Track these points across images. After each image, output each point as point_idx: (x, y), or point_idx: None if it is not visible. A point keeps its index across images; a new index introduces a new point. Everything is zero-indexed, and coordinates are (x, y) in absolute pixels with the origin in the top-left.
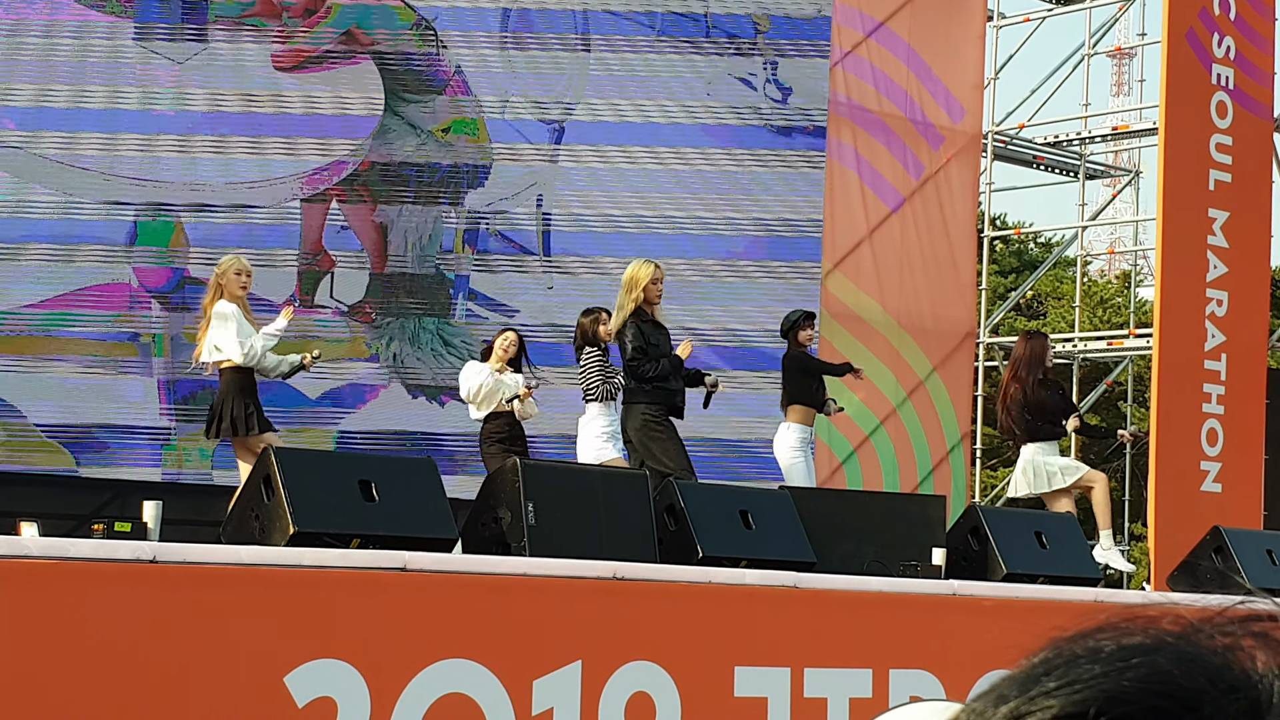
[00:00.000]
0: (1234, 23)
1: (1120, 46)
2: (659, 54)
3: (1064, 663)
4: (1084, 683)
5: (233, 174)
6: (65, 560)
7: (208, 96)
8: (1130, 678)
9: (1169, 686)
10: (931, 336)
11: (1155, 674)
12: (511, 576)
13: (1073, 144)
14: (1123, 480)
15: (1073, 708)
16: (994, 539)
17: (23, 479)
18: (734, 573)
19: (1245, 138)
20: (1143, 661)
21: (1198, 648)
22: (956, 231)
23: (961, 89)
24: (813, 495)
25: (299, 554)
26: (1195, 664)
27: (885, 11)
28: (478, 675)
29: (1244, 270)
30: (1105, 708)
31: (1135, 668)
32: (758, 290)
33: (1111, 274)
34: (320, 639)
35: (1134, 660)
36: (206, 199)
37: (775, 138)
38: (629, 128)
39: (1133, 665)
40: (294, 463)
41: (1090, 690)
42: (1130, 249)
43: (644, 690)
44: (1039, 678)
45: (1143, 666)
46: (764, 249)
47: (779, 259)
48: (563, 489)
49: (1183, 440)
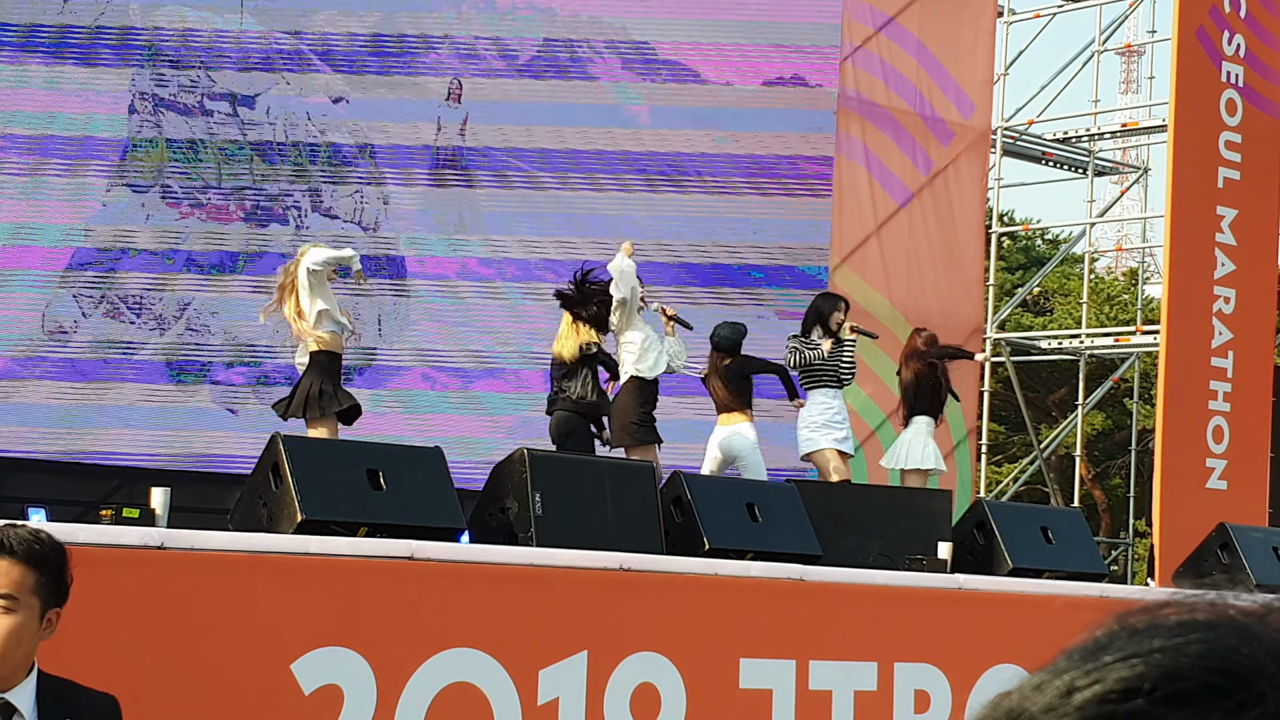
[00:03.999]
0: (1244, 20)
1: (1130, 44)
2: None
3: (1126, 637)
4: (1142, 657)
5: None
6: (73, 545)
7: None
8: (1190, 653)
9: (1227, 663)
10: (938, 332)
11: (1214, 650)
12: (518, 566)
13: (1081, 140)
14: (1128, 476)
15: (1129, 682)
16: (1000, 533)
17: (30, 465)
18: (740, 565)
19: (1255, 135)
20: (1203, 637)
21: (1264, 625)
22: (964, 227)
23: (971, 85)
24: (819, 489)
25: (306, 542)
26: (1257, 641)
27: (895, 6)
28: (484, 664)
29: (1252, 268)
30: (1160, 683)
31: (1195, 643)
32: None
33: (1119, 271)
34: (327, 627)
35: (1194, 635)
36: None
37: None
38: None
39: (1193, 640)
40: (302, 451)
41: (1148, 664)
42: (1138, 246)
43: (649, 681)
44: (1098, 651)
45: (1203, 642)
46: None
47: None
48: (570, 480)
49: (1189, 437)
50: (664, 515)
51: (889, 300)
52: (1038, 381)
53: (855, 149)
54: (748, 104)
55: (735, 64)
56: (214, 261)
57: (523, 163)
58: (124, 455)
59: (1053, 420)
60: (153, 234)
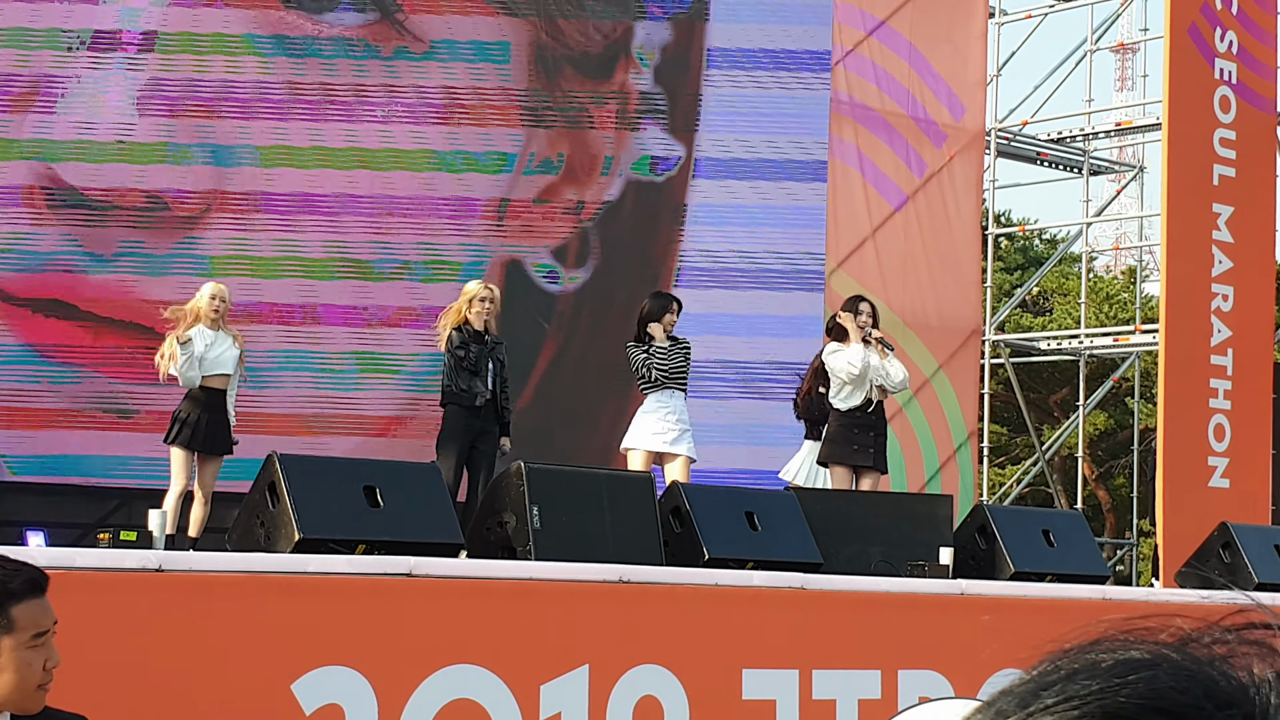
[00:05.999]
0: (1236, 17)
1: (1123, 42)
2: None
3: (1062, 678)
4: (1081, 699)
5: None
6: (72, 570)
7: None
8: (1127, 694)
9: (1165, 702)
10: (937, 334)
11: (1152, 690)
12: (517, 581)
13: (1076, 140)
14: (1130, 476)
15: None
16: (1001, 538)
17: (29, 488)
18: (740, 575)
19: (1249, 132)
20: (1140, 677)
21: (1195, 661)
22: (960, 229)
23: (964, 86)
24: (819, 496)
25: (304, 561)
26: (1192, 679)
27: (887, 9)
28: (485, 680)
29: (1249, 265)
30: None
31: (1132, 684)
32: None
33: (1117, 269)
34: (327, 646)
35: (1130, 676)
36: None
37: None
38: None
39: (1129, 681)
40: (299, 469)
41: (1088, 707)
42: (1135, 244)
43: (652, 694)
44: (1037, 693)
45: (1140, 682)
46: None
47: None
48: (568, 492)
49: (1190, 436)
50: (663, 526)
51: (886, 304)
52: (1038, 382)
53: (849, 153)
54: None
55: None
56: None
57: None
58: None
59: (1055, 421)
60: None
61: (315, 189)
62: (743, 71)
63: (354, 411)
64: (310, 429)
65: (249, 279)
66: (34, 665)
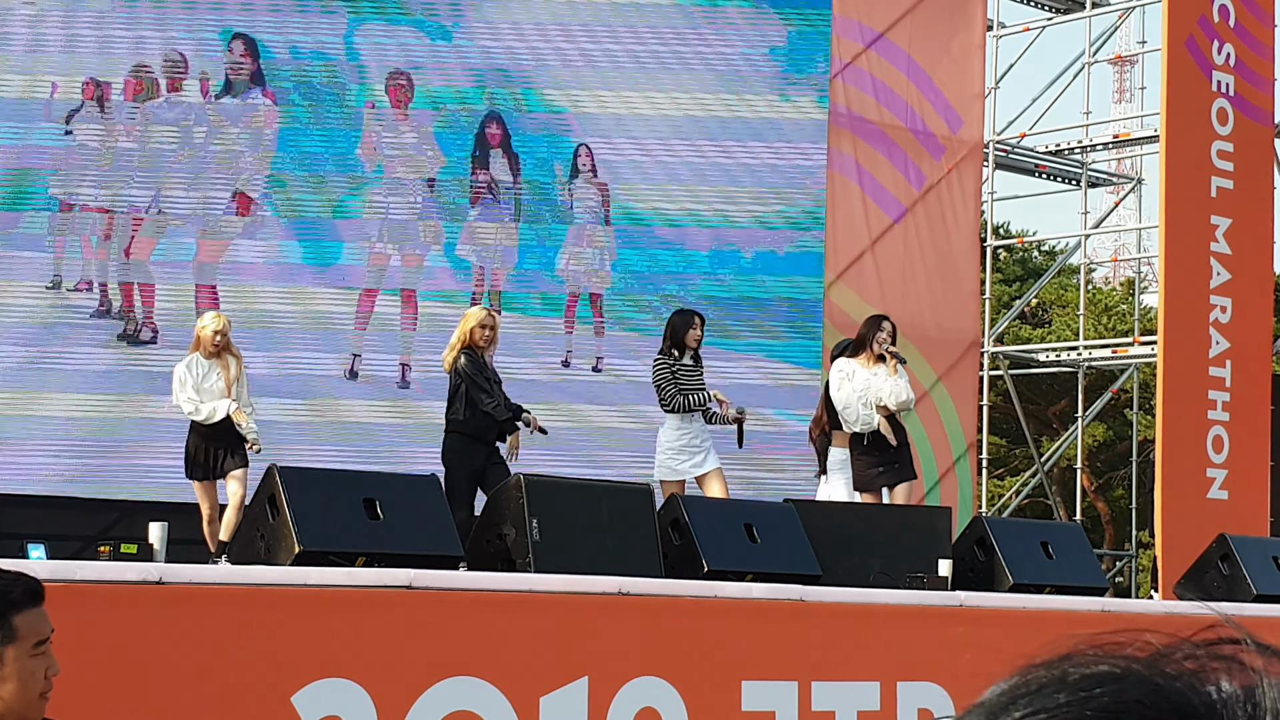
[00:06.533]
0: (1234, 29)
1: (1121, 54)
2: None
3: (1031, 692)
4: (1049, 712)
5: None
6: (73, 583)
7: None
8: (1094, 708)
9: (1132, 716)
10: (936, 346)
11: (1119, 704)
12: (517, 593)
13: (1074, 152)
14: (1129, 488)
15: None
16: (1000, 550)
17: (29, 501)
18: (740, 586)
19: (1246, 144)
20: (1106, 691)
21: (1163, 676)
22: (959, 241)
23: (962, 99)
24: (818, 508)
25: (304, 573)
26: (1159, 694)
27: (885, 22)
28: (484, 692)
29: (1247, 276)
30: None
31: (1098, 698)
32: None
33: (1116, 281)
34: (327, 658)
35: (1098, 690)
36: None
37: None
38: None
39: (1095, 696)
40: (298, 482)
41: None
42: (1134, 256)
43: (651, 705)
44: (1007, 707)
45: (1106, 696)
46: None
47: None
48: (567, 505)
49: (1189, 447)
50: (662, 538)
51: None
52: (1037, 394)
53: (847, 165)
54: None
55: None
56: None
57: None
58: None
59: (1054, 432)
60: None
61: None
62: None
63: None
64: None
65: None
66: (36, 674)
